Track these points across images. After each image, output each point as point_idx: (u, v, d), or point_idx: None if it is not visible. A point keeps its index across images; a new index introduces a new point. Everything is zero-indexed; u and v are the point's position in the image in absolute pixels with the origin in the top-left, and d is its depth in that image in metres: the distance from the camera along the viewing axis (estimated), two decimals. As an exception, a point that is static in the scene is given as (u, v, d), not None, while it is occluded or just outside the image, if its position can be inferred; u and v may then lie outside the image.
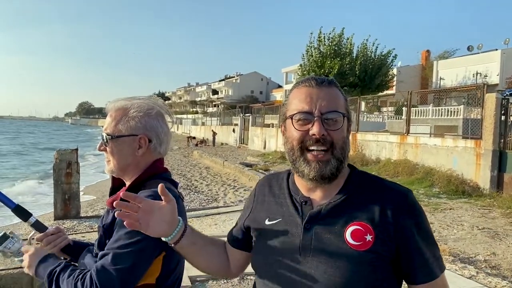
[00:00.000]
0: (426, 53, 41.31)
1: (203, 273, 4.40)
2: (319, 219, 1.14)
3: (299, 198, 1.20)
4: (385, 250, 1.08)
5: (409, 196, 1.14)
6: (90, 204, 11.39)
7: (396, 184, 1.19)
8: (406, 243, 1.09)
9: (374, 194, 1.14)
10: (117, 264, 1.22)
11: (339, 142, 1.14)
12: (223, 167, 17.94)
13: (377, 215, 1.10)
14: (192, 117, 65.52)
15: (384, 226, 1.09)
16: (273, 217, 1.23)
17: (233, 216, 8.22)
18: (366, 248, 1.07)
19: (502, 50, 30.61)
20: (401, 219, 1.09)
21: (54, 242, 1.52)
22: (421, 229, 1.12)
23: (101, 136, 1.42)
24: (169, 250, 1.32)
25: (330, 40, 26.27)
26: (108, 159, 1.43)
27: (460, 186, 9.93)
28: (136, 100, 1.43)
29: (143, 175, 1.40)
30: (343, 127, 1.15)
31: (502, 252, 5.71)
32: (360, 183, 1.17)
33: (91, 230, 7.62)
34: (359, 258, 1.07)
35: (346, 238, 1.09)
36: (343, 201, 1.14)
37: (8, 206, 1.46)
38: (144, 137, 1.40)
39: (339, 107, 1.15)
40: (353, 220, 1.11)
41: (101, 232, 1.37)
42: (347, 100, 1.20)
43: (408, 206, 1.12)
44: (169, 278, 1.37)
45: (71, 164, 8.54)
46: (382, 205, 1.11)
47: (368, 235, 1.08)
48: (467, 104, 17.97)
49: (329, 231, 1.11)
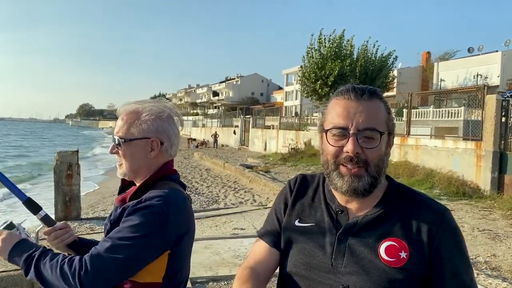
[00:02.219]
0: (426, 55, 41.35)
1: (203, 275, 4.42)
2: (354, 231, 1.12)
3: (335, 207, 1.18)
4: (419, 269, 1.06)
5: (446, 215, 1.12)
6: (90, 206, 11.39)
7: (434, 202, 1.16)
8: (440, 264, 1.07)
9: (411, 210, 1.12)
10: (114, 253, 1.23)
11: (374, 161, 1.11)
12: (223, 169, 17.94)
13: (413, 233, 1.08)
14: (193, 119, 65.58)
15: (420, 245, 1.07)
16: (305, 220, 1.21)
17: (233, 218, 8.22)
18: (400, 265, 1.05)
19: (502, 52, 30.63)
20: (437, 239, 1.07)
21: (61, 237, 1.53)
22: (457, 250, 1.09)
23: (113, 139, 1.44)
24: (174, 248, 1.34)
25: (330, 42, 26.30)
26: (120, 162, 1.45)
27: (461, 188, 9.92)
28: (147, 103, 1.45)
29: (154, 176, 1.42)
30: (381, 144, 1.11)
31: (503, 253, 5.71)
32: (399, 198, 1.15)
33: (92, 231, 7.62)
34: (392, 275, 1.05)
35: (380, 253, 1.07)
36: (380, 215, 1.12)
37: (20, 198, 1.48)
38: (156, 140, 1.42)
39: (378, 123, 1.11)
40: (388, 235, 1.09)
41: (108, 227, 1.38)
42: (390, 113, 1.15)
43: (445, 226, 1.10)
44: (176, 277, 1.38)
45: (71, 165, 8.55)
46: (418, 222, 1.09)
47: (403, 252, 1.06)
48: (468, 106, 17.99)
49: (363, 244, 1.10)
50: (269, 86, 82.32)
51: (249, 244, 5.61)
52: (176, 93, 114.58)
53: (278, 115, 28.93)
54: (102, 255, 1.23)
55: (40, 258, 1.27)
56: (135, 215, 1.28)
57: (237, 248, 5.45)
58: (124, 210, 1.34)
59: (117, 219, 1.35)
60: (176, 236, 1.33)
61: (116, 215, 1.37)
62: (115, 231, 1.29)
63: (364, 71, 26.28)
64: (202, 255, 5.04)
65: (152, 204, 1.29)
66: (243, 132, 32.33)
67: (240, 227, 7.32)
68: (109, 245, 1.25)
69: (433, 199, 1.18)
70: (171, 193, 1.36)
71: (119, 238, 1.26)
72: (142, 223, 1.27)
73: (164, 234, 1.29)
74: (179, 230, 1.34)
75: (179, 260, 1.38)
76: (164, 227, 1.29)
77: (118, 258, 1.23)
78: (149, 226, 1.27)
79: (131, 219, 1.28)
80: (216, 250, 5.34)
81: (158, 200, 1.30)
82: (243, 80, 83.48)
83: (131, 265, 1.26)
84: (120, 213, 1.35)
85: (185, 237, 1.38)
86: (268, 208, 9.55)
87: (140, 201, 1.32)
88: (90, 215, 9.56)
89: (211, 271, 4.53)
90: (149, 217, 1.28)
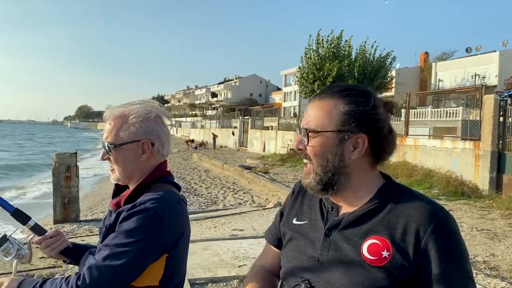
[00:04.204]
0: (424, 55, 41.40)
1: (202, 276, 4.41)
2: (340, 227, 1.13)
3: (327, 204, 1.20)
4: (400, 270, 1.02)
5: (440, 215, 1.06)
6: (89, 208, 11.38)
7: (429, 202, 1.10)
8: (427, 267, 1.02)
9: (401, 209, 1.09)
10: (112, 261, 1.23)
11: (315, 158, 1.13)
12: (222, 170, 17.95)
13: (398, 232, 1.05)
14: (191, 120, 65.47)
15: (404, 245, 1.04)
16: (301, 218, 1.25)
17: (232, 219, 8.22)
18: (380, 264, 1.03)
19: (500, 52, 30.69)
20: (425, 240, 1.03)
21: (53, 245, 1.52)
22: (449, 254, 1.03)
23: (103, 145, 1.42)
24: (171, 252, 1.33)
25: (328, 42, 26.33)
26: (112, 168, 1.43)
27: (459, 188, 9.93)
28: (133, 105, 1.44)
29: (148, 179, 1.41)
30: (323, 141, 1.12)
31: (501, 253, 5.72)
32: (390, 196, 1.12)
33: (90, 233, 7.62)
34: (372, 273, 1.04)
35: (362, 251, 1.06)
36: (368, 212, 1.11)
37: (7, 210, 1.46)
38: (146, 141, 1.41)
39: (320, 121, 1.12)
40: (373, 233, 1.08)
41: (104, 232, 1.38)
42: (355, 111, 1.11)
43: (437, 228, 1.03)
44: (173, 280, 1.38)
45: (70, 167, 8.54)
46: (406, 221, 1.06)
47: (385, 251, 1.04)
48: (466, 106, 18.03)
49: (347, 240, 1.10)
50: (267, 87, 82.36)
51: (248, 245, 5.60)
52: (175, 95, 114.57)
53: (277, 116, 28.91)
54: (100, 265, 1.23)
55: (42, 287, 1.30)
56: (130, 220, 1.28)
57: (236, 249, 5.45)
58: (119, 215, 1.33)
59: (112, 224, 1.34)
60: (172, 239, 1.33)
61: (111, 220, 1.36)
62: (111, 238, 1.29)
63: (362, 71, 26.28)
64: (201, 256, 5.04)
65: (146, 208, 1.28)
66: (242, 133, 32.32)
67: (239, 228, 7.32)
68: (107, 253, 1.25)
69: (433, 200, 1.13)
70: (166, 195, 1.35)
71: (116, 245, 1.25)
72: (138, 227, 1.26)
73: (160, 237, 1.29)
74: (175, 232, 1.34)
75: (176, 262, 1.38)
76: (160, 230, 1.28)
77: (116, 265, 1.23)
78: (145, 229, 1.26)
79: (126, 224, 1.28)
80: (215, 251, 5.34)
81: (153, 203, 1.29)
82: (242, 81, 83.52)
83: (130, 271, 1.26)
84: (115, 218, 1.34)
85: (181, 239, 1.38)
86: (267, 209, 9.55)
87: (134, 205, 1.31)
88: (89, 217, 9.55)
89: (210, 272, 4.52)
90: (144, 221, 1.27)
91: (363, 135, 1.11)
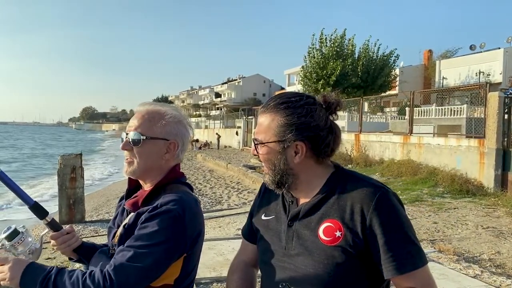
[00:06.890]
0: (428, 53, 41.22)
1: (207, 275, 4.43)
2: (300, 217, 1.27)
3: (288, 198, 1.34)
4: (352, 246, 1.17)
5: (379, 193, 1.19)
6: (95, 208, 11.43)
7: (370, 182, 1.25)
8: (374, 241, 1.16)
9: (348, 192, 1.23)
10: (137, 262, 1.25)
11: (265, 163, 1.30)
12: (226, 170, 17.96)
13: (347, 213, 1.20)
14: (195, 121, 65.58)
15: (353, 224, 1.18)
16: (268, 214, 1.39)
17: (237, 219, 8.24)
18: (335, 243, 1.19)
19: (505, 49, 30.51)
20: (369, 216, 1.17)
21: (69, 242, 1.53)
22: (388, 226, 1.16)
23: (128, 135, 1.42)
24: (189, 252, 1.36)
25: (332, 41, 26.30)
26: (131, 159, 1.43)
27: (464, 186, 9.89)
28: (167, 107, 1.49)
29: (165, 179, 1.43)
30: (267, 150, 1.27)
31: (507, 251, 5.70)
32: (339, 182, 1.26)
33: (96, 234, 7.66)
34: (330, 253, 1.19)
35: (319, 234, 1.21)
36: (320, 200, 1.25)
37: (27, 202, 1.44)
38: (174, 142, 1.45)
39: (262, 133, 1.28)
40: (326, 217, 1.22)
41: (122, 231, 1.38)
42: (290, 125, 1.24)
43: (378, 204, 1.17)
44: (186, 279, 1.40)
45: (75, 169, 8.59)
46: (352, 203, 1.20)
47: (338, 232, 1.19)
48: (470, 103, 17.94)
49: (306, 227, 1.25)
50: (271, 87, 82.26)
51: (253, 245, 5.62)
52: (179, 95, 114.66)
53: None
54: (125, 265, 1.24)
55: (57, 278, 1.24)
56: (153, 221, 1.29)
57: (241, 248, 5.46)
58: (139, 215, 1.34)
59: (132, 225, 1.35)
60: (191, 239, 1.35)
61: (131, 221, 1.36)
62: (133, 239, 1.29)
63: (366, 70, 26.27)
64: (206, 256, 5.05)
65: (169, 209, 1.30)
66: (246, 133, 32.33)
67: (244, 228, 7.33)
68: (131, 254, 1.26)
69: (375, 181, 1.27)
70: (184, 196, 1.37)
71: (140, 246, 1.26)
72: (161, 229, 1.28)
73: (182, 238, 1.31)
74: (194, 233, 1.36)
75: (192, 262, 1.41)
76: (182, 231, 1.31)
77: (141, 267, 1.24)
78: (168, 231, 1.28)
79: (149, 226, 1.29)
80: (220, 251, 5.36)
81: (174, 204, 1.31)
82: (245, 81, 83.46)
83: (154, 271, 1.28)
84: (135, 219, 1.35)
85: (199, 239, 1.40)
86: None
87: (156, 206, 1.32)
88: (95, 218, 9.60)
89: (215, 272, 4.54)
90: (167, 222, 1.28)
91: (301, 142, 1.24)
